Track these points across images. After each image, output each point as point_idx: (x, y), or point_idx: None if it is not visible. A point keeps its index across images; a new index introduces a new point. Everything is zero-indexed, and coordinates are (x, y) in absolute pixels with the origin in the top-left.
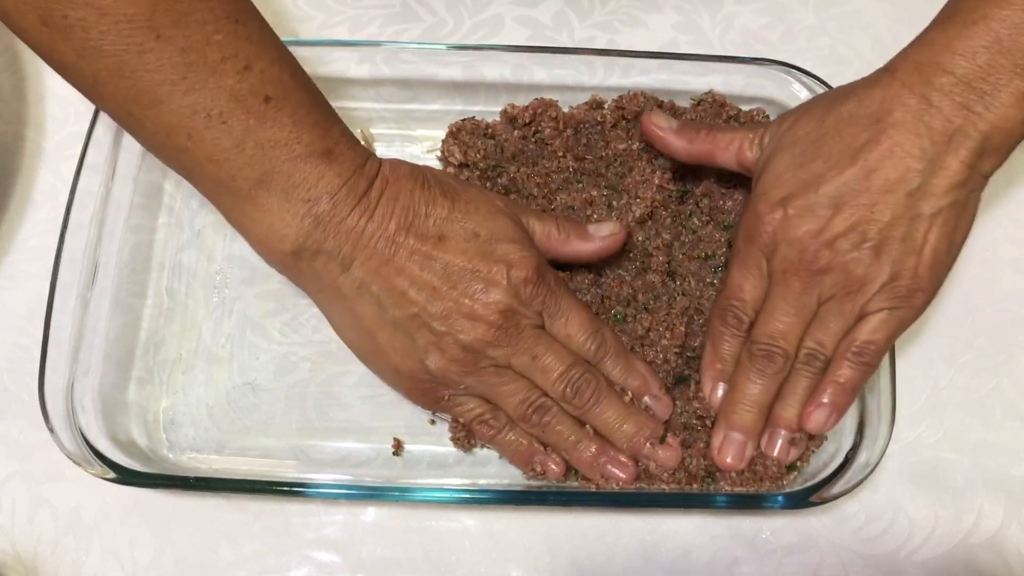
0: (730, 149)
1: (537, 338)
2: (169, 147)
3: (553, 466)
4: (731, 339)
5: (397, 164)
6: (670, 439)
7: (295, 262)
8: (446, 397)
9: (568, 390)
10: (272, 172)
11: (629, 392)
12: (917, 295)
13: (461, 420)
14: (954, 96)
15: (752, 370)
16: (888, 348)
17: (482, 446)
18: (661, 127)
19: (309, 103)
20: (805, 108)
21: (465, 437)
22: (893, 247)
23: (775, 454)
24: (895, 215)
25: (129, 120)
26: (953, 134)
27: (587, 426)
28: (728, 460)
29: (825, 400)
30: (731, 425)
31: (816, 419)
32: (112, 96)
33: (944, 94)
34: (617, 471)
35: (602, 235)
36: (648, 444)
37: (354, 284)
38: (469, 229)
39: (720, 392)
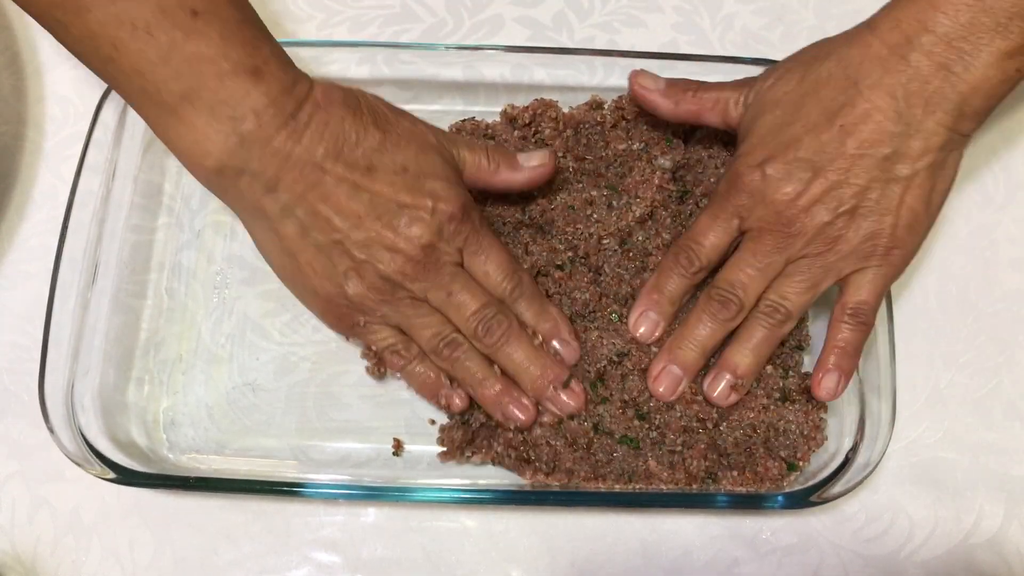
0: (716, 109)
1: (454, 275)
2: (95, 56)
3: (457, 400)
4: (677, 277)
5: (330, 89)
6: (574, 384)
7: (219, 180)
8: (361, 323)
9: (480, 328)
10: (198, 88)
11: (540, 335)
12: (894, 252)
13: (374, 348)
14: (933, 55)
15: (706, 312)
16: (879, 305)
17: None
18: (648, 87)
19: (238, 19)
20: (787, 66)
21: (376, 365)
22: (869, 210)
23: (714, 395)
24: (870, 178)
25: (55, 26)
26: (930, 96)
27: (495, 365)
28: (660, 389)
29: (831, 366)
30: (672, 359)
31: (826, 385)
32: (38, 0)
33: (923, 53)
34: (517, 412)
35: (531, 165)
36: (552, 387)
37: (278, 206)
38: (399, 162)
39: (645, 322)
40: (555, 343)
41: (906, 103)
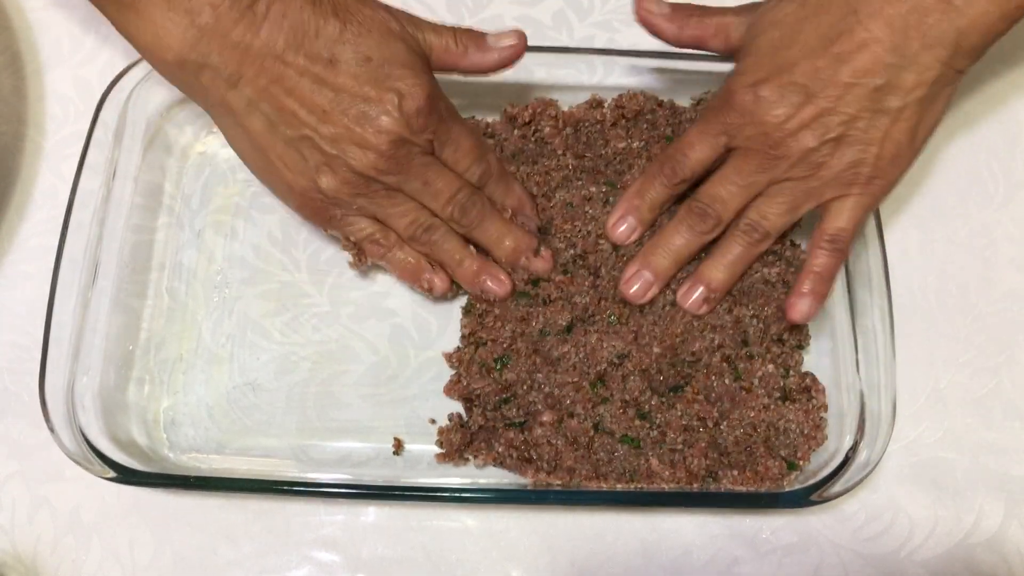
0: (719, 35)
1: (427, 165)
2: None
3: (438, 282)
4: (660, 186)
5: None
6: (543, 251)
7: (182, 74)
8: (338, 216)
9: (456, 211)
10: None
11: (508, 210)
12: (876, 182)
13: (352, 239)
14: None
15: (684, 223)
16: (856, 233)
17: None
18: (652, 11)
19: None
20: None
21: (357, 256)
22: (854, 139)
23: (688, 303)
24: (860, 108)
25: None
26: (929, 30)
27: (470, 245)
28: (631, 292)
29: (806, 290)
30: (646, 264)
31: (800, 308)
32: None
33: None
34: (494, 286)
35: (502, 45)
36: (524, 257)
37: (243, 101)
38: (362, 53)
39: (623, 225)
40: (521, 218)
41: (904, 35)
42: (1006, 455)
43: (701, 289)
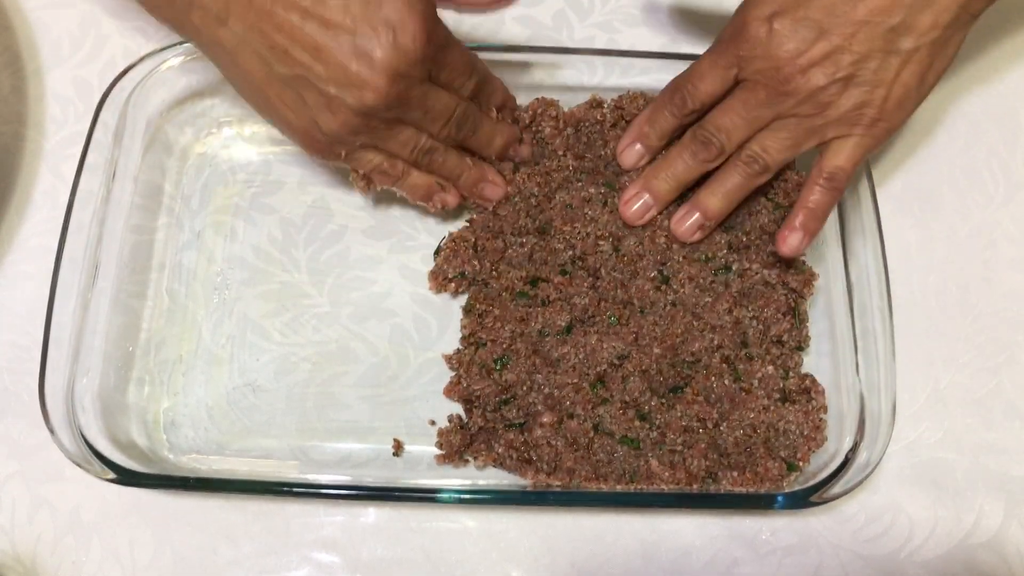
0: None
1: (425, 94)
2: None
3: (450, 198)
4: (669, 115)
5: None
6: (526, 138)
7: (172, 12)
8: (343, 154)
9: (453, 130)
10: None
11: (494, 108)
12: (879, 124)
13: (360, 171)
14: None
15: (687, 150)
16: (853, 173)
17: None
18: None
19: None
20: None
21: (365, 183)
22: (863, 80)
23: (682, 229)
24: (872, 48)
25: None
26: None
27: (464, 155)
28: (630, 212)
29: (798, 224)
30: (647, 187)
31: (791, 242)
32: None
33: None
34: (490, 191)
35: None
36: (512, 148)
37: (234, 39)
38: None
39: (631, 153)
40: (505, 112)
41: None
42: (1006, 455)
43: (697, 215)
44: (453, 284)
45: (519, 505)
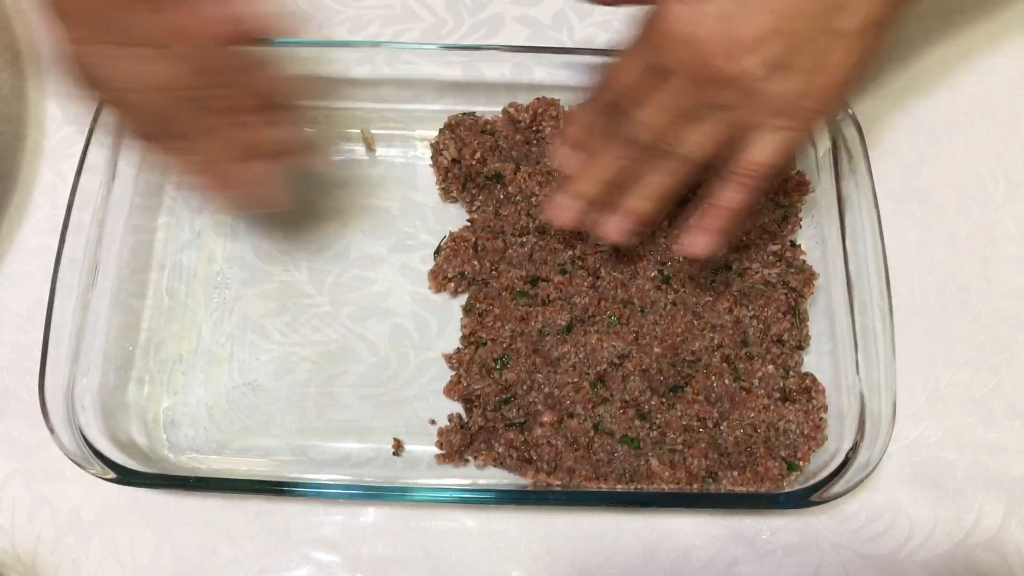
0: None
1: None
2: None
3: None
4: (593, 113)
5: None
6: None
7: None
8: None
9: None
10: None
11: None
12: (817, 116)
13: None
14: None
15: (610, 150)
16: (776, 170)
17: None
18: None
19: None
20: None
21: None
22: (801, 67)
23: (603, 232)
24: (811, 29)
25: None
26: None
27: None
28: (552, 213)
29: (716, 227)
30: (571, 190)
31: (703, 244)
32: None
33: None
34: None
35: None
36: None
37: None
38: None
39: (563, 152)
40: None
41: None
42: (1006, 455)
43: (620, 217)
44: (453, 283)
45: (519, 505)
